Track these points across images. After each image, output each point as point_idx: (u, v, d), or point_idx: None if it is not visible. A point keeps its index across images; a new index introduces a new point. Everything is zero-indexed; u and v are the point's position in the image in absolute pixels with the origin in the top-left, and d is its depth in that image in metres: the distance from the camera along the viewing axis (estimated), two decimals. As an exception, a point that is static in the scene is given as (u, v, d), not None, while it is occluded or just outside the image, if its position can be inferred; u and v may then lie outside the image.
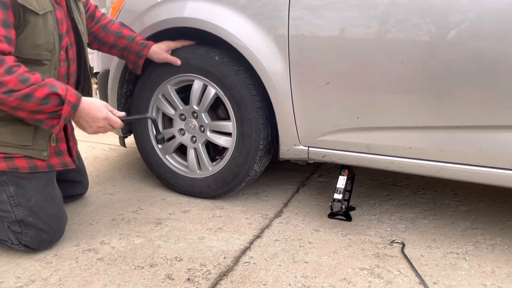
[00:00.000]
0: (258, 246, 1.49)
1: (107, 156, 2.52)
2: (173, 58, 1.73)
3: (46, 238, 1.43)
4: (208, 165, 1.81)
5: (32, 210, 1.40)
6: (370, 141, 1.51)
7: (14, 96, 1.23)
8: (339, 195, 1.62)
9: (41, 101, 1.27)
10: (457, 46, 1.30)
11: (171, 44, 1.73)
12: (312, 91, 1.53)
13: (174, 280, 1.29)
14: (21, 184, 1.39)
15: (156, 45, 1.73)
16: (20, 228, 1.40)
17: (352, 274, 1.32)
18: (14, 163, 1.37)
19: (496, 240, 1.53)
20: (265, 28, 1.56)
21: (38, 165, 1.41)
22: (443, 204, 1.83)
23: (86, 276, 1.31)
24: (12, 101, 1.24)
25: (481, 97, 1.31)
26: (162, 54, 1.72)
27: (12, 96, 1.23)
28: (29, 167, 1.39)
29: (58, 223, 1.47)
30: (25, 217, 1.40)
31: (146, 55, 1.72)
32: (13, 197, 1.39)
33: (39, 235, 1.41)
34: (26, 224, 1.40)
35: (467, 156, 1.39)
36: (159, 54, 1.72)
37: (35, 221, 1.40)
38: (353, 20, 1.41)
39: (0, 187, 1.38)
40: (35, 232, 1.41)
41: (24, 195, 1.39)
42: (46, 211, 1.43)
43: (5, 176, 1.37)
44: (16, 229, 1.41)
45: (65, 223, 1.52)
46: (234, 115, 1.69)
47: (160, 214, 1.73)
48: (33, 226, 1.40)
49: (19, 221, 1.40)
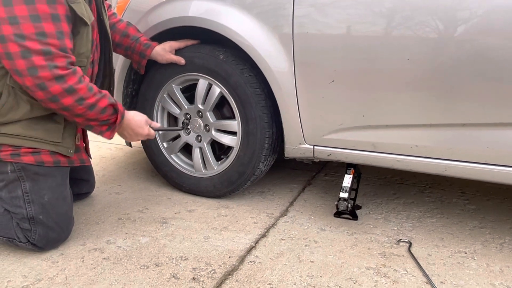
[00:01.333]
0: (264, 245, 1.48)
1: (113, 155, 2.52)
2: (176, 58, 1.73)
3: (54, 237, 1.45)
4: (214, 164, 1.81)
5: (44, 208, 1.42)
6: (376, 140, 1.50)
7: (84, 104, 1.32)
8: (345, 194, 1.61)
9: (101, 111, 1.37)
10: (464, 43, 1.28)
11: (174, 44, 1.73)
12: (317, 89, 1.52)
13: (179, 280, 1.29)
14: (37, 180, 1.41)
15: (160, 45, 1.73)
16: (29, 226, 1.41)
17: (358, 273, 1.31)
18: (40, 157, 1.41)
19: (505, 239, 1.51)
20: (270, 27, 1.55)
21: (61, 160, 1.45)
22: (451, 202, 1.81)
23: (91, 275, 1.31)
24: (80, 109, 1.33)
25: (488, 94, 1.29)
26: (165, 55, 1.72)
27: (82, 105, 1.32)
28: (54, 161, 1.43)
29: (66, 223, 1.49)
30: (36, 214, 1.41)
31: (149, 56, 1.73)
32: (27, 193, 1.41)
33: (47, 233, 1.43)
34: (36, 222, 1.41)
35: (474, 154, 1.37)
36: (163, 55, 1.72)
37: (45, 219, 1.42)
38: (357, 17, 1.40)
39: (16, 183, 1.40)
40: (44, 230, 1.42)
41: (39, 192, 1.41)
42: (57, 210, 1.44)
43: (24, 172, 1.39)
44: (25, 226, 1.42)
45: (72, 223, 1.53)
46: (239, 114, 1.68)
47: (165, 214, 1.74)
48: (42, 224, 1.41)
49: (30, 218, 1.41)
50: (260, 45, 1.57)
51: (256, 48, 1.58)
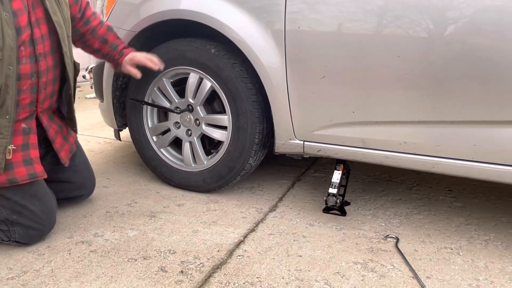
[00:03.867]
0: (252, 240, 1.49)
1: (102, 149, 2.50)
2: (134, 71, 1.68)
3: (35, 233, 1.42)
4: (203, 159, 1.80)
5: (14, 209, 1.38)
6: (365, 136, 1.51)
7: None
8: (334, 190, 1.62)
9: None
10: (454, 42, 1.29)
11: (136, 58, 1.68)
12: (308, 85, 1.53)
13: (167, 273, 1.28)
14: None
15: (128, 55, 1.67)
16: (6, 227, 1.39)
17: (345, 268, 1.32)
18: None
19: (490, 236, 1.53)
20: (263, 22, 1.55)
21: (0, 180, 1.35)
22: (438, 200, 1.83)
23: (78, 268, 1.30)
24: None
25: (477, 93, 1.31)
26: (126, 66, 1.68)
27: None
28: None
29: (45, 218, 1.43)
30: (9, 216, 1.38)
31: (121, 64, 1.68)
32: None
33: (27, 231, 1.40)
34: (12, 223, 1.38)
35: (462, 151, 1.39)
36: (124, 66, 1.68)
37: (20, 219, 1.38)
38: (349, 14, 1.41)
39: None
40: (23, 228, 1.39)
41: (4, 195, 1.37)
42: (29, 208, 1.39)
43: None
44: (3, 228, 1.40)
45: (53, 215, 1.47)
46: (229, 109, 1.68)
47: (154, 207, 1.73)
48: (19, 224, 1.39)
49: (4, 220, 1.39)
50: (252, 40, 1.57)
51: (249, 43, 1.58)
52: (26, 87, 1.37)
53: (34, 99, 1.42)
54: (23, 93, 1.37)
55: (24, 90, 1.37)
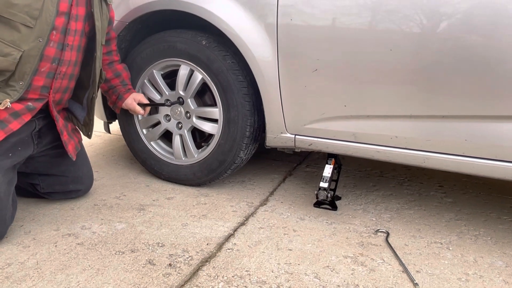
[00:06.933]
0: (242, 234, 1.47)
1: (92, 142, 2.47)
2: (138, 109, 1.73)
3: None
4: (194, 152, 1.78)
5: None
6: (357, 130, 1.50)
7: None
8: (325, 184, 1.61)
9: None
10: (446, 38, 1.29)
11: (139, 97, 1.75)
12: (300, 78, 1.51)
13: (155, 266, 1.27)
14: None
15: (133, 94, 1.74)
16: None
17: (335, 261, 1.31)
18: None
19: (480, 231, 1.54)
20: (255, 15, 1.53)
21: None
22: (429, 195, 1.84)
23: (64, 260, 1.28)
24: None
25: (468, 87, 1.30)
26: (132, 103, 1.73)
27: None
28: None
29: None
30: None
31: (126, 98, 1.73)
32: None
33: None
34: None
35: (452, 146, 1.38)
36: (131, 103, 1.73)
37: None
38: (342, 8, 1.39)
39: None
40: None
41: None
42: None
43: None
44: None
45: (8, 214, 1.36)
46: (220, 101, 1.66)
47: (143, 201, 1.70)
48: None
49: None
50: (244, 33, 1.55)
51: (241, 36, 1.55)
52: (44, 69, 1.38)
53: (48, 84, 1.42)
54: (40, 74, 1.38)
55: (41, 71, 1.38)
